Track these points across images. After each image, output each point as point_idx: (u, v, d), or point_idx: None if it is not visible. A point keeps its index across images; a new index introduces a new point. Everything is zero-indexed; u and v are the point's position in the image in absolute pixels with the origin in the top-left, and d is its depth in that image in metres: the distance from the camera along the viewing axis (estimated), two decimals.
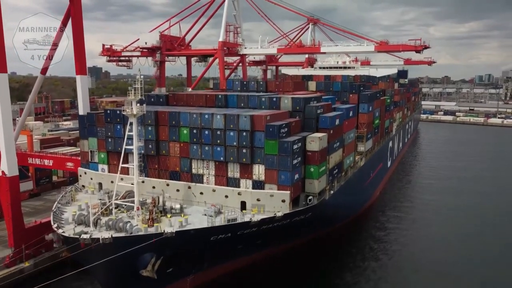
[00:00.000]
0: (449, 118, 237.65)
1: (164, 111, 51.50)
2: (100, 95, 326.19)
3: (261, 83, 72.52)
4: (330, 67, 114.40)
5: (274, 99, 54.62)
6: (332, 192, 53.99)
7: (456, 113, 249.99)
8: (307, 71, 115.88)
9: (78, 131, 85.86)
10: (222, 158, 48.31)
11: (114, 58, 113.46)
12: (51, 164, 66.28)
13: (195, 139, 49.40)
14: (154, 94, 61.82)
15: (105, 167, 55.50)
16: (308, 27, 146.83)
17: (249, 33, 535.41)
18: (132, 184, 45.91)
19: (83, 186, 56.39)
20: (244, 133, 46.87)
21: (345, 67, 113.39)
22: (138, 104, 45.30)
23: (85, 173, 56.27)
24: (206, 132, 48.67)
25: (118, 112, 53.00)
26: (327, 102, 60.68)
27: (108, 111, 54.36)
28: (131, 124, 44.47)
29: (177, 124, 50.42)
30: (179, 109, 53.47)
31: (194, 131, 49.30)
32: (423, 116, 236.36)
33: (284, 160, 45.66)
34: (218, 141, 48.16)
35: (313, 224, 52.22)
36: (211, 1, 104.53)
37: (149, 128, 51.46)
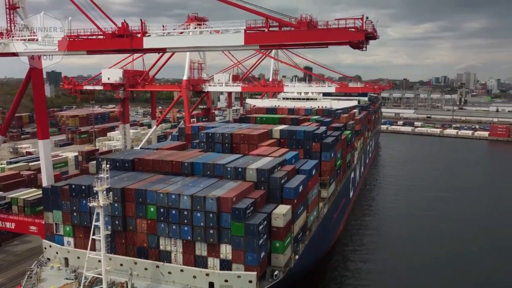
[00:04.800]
0: (408, 129, 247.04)
1: (131, 187, 51.70)
2: (59, 106, 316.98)
3: (226, 135, 73.40)
4: (294, 98, 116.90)
5: (240, 169, 55.81)
6: (297, 257, 55.93)
7: (415, 123, 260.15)
8: (271, 102, 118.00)
9: (39, 161, 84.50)
10: (189, 237, 49.22)
11: (76, 91, 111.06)
12: (13, 227, 65.10)
13: (162, 218, 50.02)
14: (120, 159, 61.41)
15: (71, 240, 55.12)
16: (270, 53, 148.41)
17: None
18: (99, 261, 46.42)
19: (48, 259, 55.81)
20: (211, 215, 47.95)
21: (307, 98, 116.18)
22: (104, 192, 45.63)
23: (50, 246, 55.68)
24: (174, 212, 49.39)
25: (83, 187, 52.82)
26: (291, 164, 62.56)
27: (73, 186, 53.83)
28: (97, 214, 44.74)
29: (144, 201, 50.84)
30: (145, 182, 53.78)
31: (161, 210, 49.91)
32: (384, 127, 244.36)
33: (250, 241, 47.08)
34: (185, 221, 48.99)
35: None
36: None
37: (116, 205, 51.56)
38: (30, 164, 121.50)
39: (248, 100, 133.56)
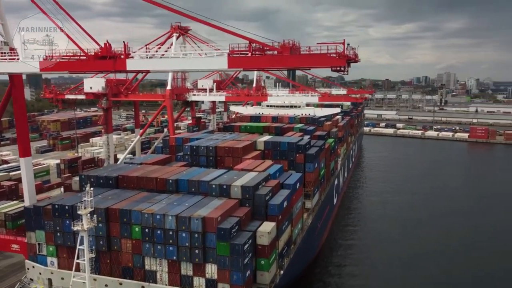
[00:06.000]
0: (390, 131, 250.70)
1: (115, 208, 51.43)
2: (40, 110, 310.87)
3: (211, 148, 73.63)
4: (277, 106, 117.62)
5: (224, 186, 56.05)
6: (282, 272, 56.48)
7: (397, 125, 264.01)
8: (255, 110, 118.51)
9: (19, 171, 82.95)
10: (175, 257, 49.25)
11: (58, 101, 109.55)
12: None
13: (147, 238, 49.95)
14: (103, 176, 60.96)
15: (55, 260, 54.56)
16: None
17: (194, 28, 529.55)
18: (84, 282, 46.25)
19: (31, 279, 55.22)
20: (196, 235, 48.09)
21: (291, 106, 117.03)
22: (88, 215, 45.41)
23: (33, 266, 55.08)
24: (159, 232, 49.37)
25: (66, 207, 52.42)
26: (275, 179, 63.02)
27: (56, 206, 53.28)
28: (82, 237, 44.53)
29: (128, 221, 50.67)
30: (130, 202, 53.51)
31: (146, 230, 49.83)
32: (366, 129, 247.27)
33: (235, 261, 47.37)
34: (171, 241, 49.02)
35: None
36: (161, 42, 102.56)
37: (100, 225, 51.25)
38: (10, 174, 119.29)
39: (232, 108, 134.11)
